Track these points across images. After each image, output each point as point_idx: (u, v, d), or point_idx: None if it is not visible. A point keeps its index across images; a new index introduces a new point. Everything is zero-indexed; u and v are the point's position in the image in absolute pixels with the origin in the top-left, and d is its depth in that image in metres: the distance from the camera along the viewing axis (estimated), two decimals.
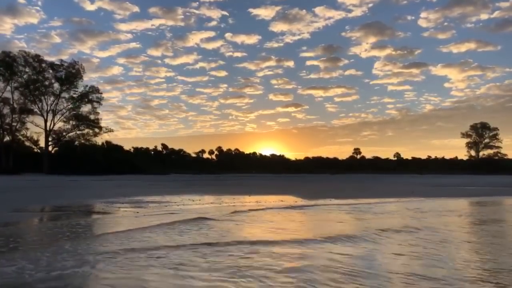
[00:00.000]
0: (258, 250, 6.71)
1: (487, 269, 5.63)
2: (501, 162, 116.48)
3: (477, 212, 14.34)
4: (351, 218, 11.79)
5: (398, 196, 21.88)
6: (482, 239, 8.43)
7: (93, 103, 76.85)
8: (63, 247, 6.87)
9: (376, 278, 5.07)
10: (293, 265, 5.77)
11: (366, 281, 4.94)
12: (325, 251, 6.74)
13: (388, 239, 8.02)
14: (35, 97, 72.90)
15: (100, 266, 5.55)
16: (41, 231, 9.27)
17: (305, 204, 16.55)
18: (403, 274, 5.29)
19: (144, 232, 8.57)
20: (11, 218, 11.04)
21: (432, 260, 6.12)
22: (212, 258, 6.14)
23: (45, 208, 14.68)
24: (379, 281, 4.95)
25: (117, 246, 6.94)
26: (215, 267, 5.59)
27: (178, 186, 32.48)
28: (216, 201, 17.37)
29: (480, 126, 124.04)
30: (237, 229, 9.28)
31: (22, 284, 4.75)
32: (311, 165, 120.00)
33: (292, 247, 7.11)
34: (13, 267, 5.46)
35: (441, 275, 5.25)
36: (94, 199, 18.20)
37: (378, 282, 4.91)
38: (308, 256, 6.37)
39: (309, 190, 29.20)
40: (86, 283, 4.88)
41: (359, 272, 5.36)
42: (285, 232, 8.89)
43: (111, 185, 33.03)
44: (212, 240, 7.56)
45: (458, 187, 35.13)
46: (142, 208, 13.92)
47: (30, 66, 71.75)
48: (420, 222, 10.67)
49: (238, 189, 28.50)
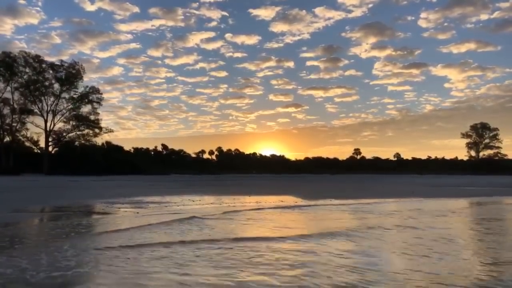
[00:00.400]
0: (256, 246, 6.74)
1: (484, 262, 5.65)
2: (501, 163, 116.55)
3: (477, 212, 14.35)
4: (350, 217, 11.80)
5: (398, 196, 21.89)
6: (480, 235, 8.45)
7: (93, 103, 77.07)
8: (63, 246, 6.89)
9: (374, 272, 5.08)
10: (293, 258, 5.79)
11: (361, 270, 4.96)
12: (323, 247, 6.76)
13: (383, 235, 8.04)
14: (35, 97, 73.02)
15: (101, 261, 5.58)
16: (41, 231, 9.30)
17: (305, 204, 16.57)
18: (399, 268, 5.31)
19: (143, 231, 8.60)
20: (11, 219, 11.06)
21: (428, 255, 6.14)
22: (214, 253, 6.17)
23: (45, 209, 14.69)
24: (378, 274, 4.97)
25: (117, 243, 6.97)
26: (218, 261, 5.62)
27: (178, 187, 32.50)
28: (216, 202, 17.38)
29: (480, 126, 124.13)
30: (234, 227, 9.30)
31: (24, 283, 4.77)
32: (311, 165, 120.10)
33: (291, 243, 7.14)
34: (15, 267, 5.48)
35: (437, 268, 5.28)
36: (94, 199, 18.22)
37: (378, 274, 4.93)
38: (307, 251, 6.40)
39: (309, 190, 29.22)
40: (88, 280, 4.90)
41: (353, 265, 5.38)
42: (284, 230, 8.90)
43: (111, 186, 33.05)
44: (208, 237, 7.60)
45: (458, 187, 35.13)
46: (142, 208, 13.95)
47: (30, 67, 71.91)
48: (418, 221, 10.68)
49: (238, 189, 28.52)
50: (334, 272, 5.35)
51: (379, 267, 5.65)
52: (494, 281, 5.01)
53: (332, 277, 5.11)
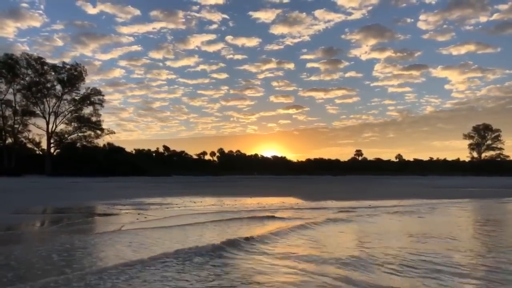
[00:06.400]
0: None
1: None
2: (503, 164, 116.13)
3: (478, 212, 14.29)
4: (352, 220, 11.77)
5: (399, 197, 21.85)
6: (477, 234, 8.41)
7: (95, 105, 77.06)
8: (64, 244, 6.88)
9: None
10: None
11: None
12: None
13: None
14: (37, 99, 73.08)
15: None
16: (41, 231, 9.29)
17: (306, 206, 16.53)
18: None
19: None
20: (12, 220, 11.06)
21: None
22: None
23: (47, 210, 14.70)
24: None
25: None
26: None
27: (180, 188, 32.49)
28: (218, 203, 17.35)
29: (482, 127, 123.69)
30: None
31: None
32: (313, 167, 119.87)
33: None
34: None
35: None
36: (95, 201, 18.21)
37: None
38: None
39: (311, 191, 29.16)
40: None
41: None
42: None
43: (113, 187, 33.05)
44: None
45: (460, 188, 35.03)
46: (144, 210, 13.93)
47: (32, 68, 71.96)
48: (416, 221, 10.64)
49: (239, 191, 28.49)
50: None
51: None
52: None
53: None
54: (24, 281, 4.85)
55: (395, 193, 26.46)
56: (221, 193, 24.88)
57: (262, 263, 6.01)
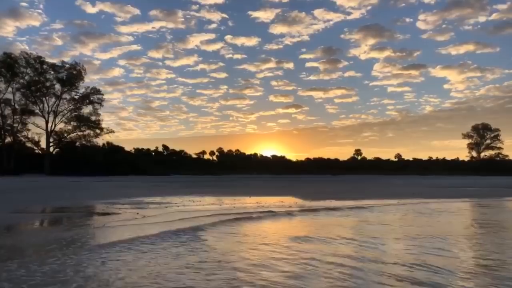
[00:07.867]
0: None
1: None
2: (503, 163, 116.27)
3: (477, 212, 14.32)
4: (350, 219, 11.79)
5: (398, 197, 21.85)
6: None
7: (94, 104, 76.91)
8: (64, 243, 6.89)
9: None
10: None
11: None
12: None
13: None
14: (37, 98, 72.97)
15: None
16: (41, 231, 9.29)
17: (305, 205, 16.54)
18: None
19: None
20: (11, 219, 11.06)
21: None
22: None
23: (46, 209, 14.70)
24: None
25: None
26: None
27: (179, 187, 32.49)
28: (217, 202, 17.37)
29: (481, 127, 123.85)
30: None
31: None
32: (312, 166, 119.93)
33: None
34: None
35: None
36: (95, 200, 18.22)
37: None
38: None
39: (310, 191, 29.18)
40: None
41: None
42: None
43: (112, 186, 33.05)
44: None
45: (459, 188, 35.07)
46: (143, 209, 13.95)
47: (32, 67, 71.82)
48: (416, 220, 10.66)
49: (238, 190, 28.50)
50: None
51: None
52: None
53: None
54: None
55: (395, 193, 26.47)
56: (220, 193, 24.89)
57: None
